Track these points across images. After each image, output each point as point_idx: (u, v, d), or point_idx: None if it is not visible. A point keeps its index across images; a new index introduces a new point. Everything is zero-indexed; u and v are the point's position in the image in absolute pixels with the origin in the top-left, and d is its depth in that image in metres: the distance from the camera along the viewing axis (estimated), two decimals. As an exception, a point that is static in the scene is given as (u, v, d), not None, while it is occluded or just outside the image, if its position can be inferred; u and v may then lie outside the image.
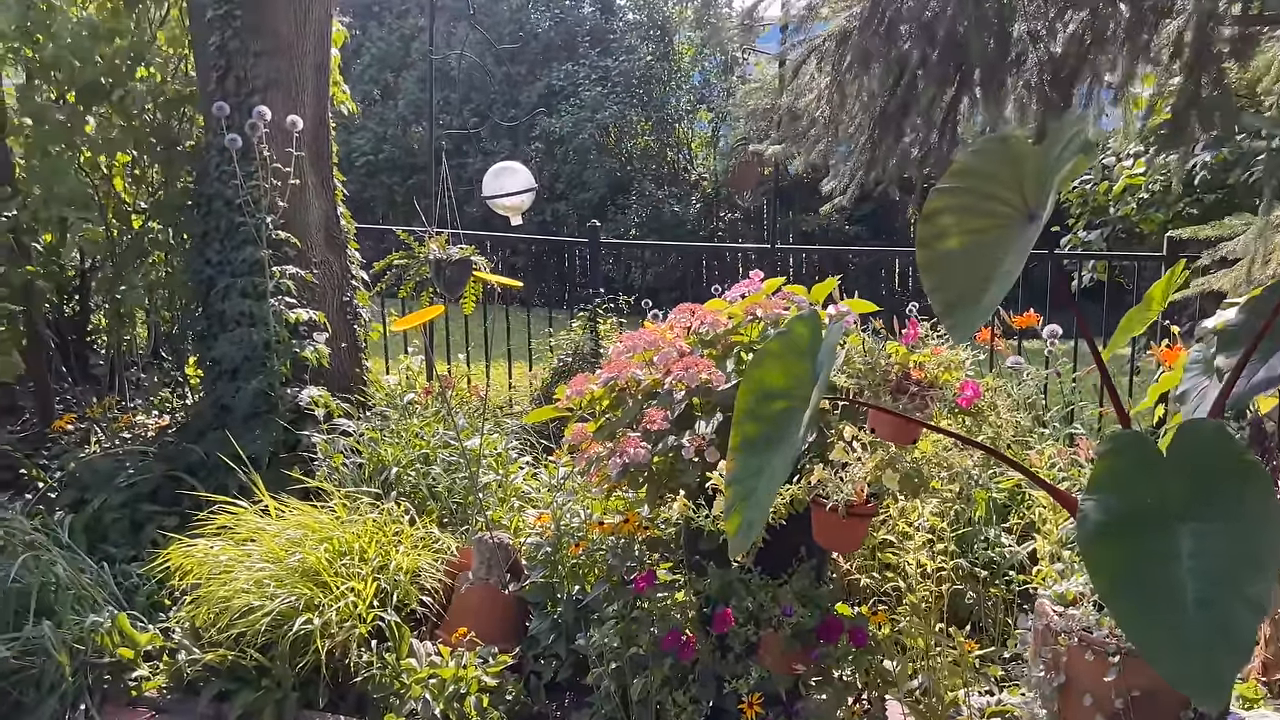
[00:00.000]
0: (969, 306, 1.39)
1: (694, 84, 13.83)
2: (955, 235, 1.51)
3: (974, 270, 1.46)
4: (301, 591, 2.76)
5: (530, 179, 5.45)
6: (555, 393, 3.13)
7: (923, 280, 1.48)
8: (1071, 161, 1.42)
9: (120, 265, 4.68)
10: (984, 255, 1.46)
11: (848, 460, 2.36)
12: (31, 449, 4.43)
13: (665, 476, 2.80)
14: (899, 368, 2.31)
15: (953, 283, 1.44)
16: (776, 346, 1.74)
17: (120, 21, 4.52)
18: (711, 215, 13.46)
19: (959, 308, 1.39)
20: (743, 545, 1.70)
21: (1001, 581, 3.26)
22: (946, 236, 1.51)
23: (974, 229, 1.51)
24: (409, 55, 14.42)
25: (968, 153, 1.58)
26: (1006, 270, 1.41)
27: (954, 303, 1.41)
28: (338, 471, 3.66)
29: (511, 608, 3.15)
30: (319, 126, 4.42)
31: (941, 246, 1.50)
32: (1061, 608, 2.02)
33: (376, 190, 14.22)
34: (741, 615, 2.46)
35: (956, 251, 1.49)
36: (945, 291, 1.43)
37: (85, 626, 2.86)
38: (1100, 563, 1.34)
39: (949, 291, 1.43)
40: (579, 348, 5.39)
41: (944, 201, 1.53)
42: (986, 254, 1.46)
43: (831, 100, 2.53)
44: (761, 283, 3.14)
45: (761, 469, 1.71)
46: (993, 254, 1.45)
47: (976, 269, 1.45)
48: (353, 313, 4.59)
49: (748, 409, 1.75)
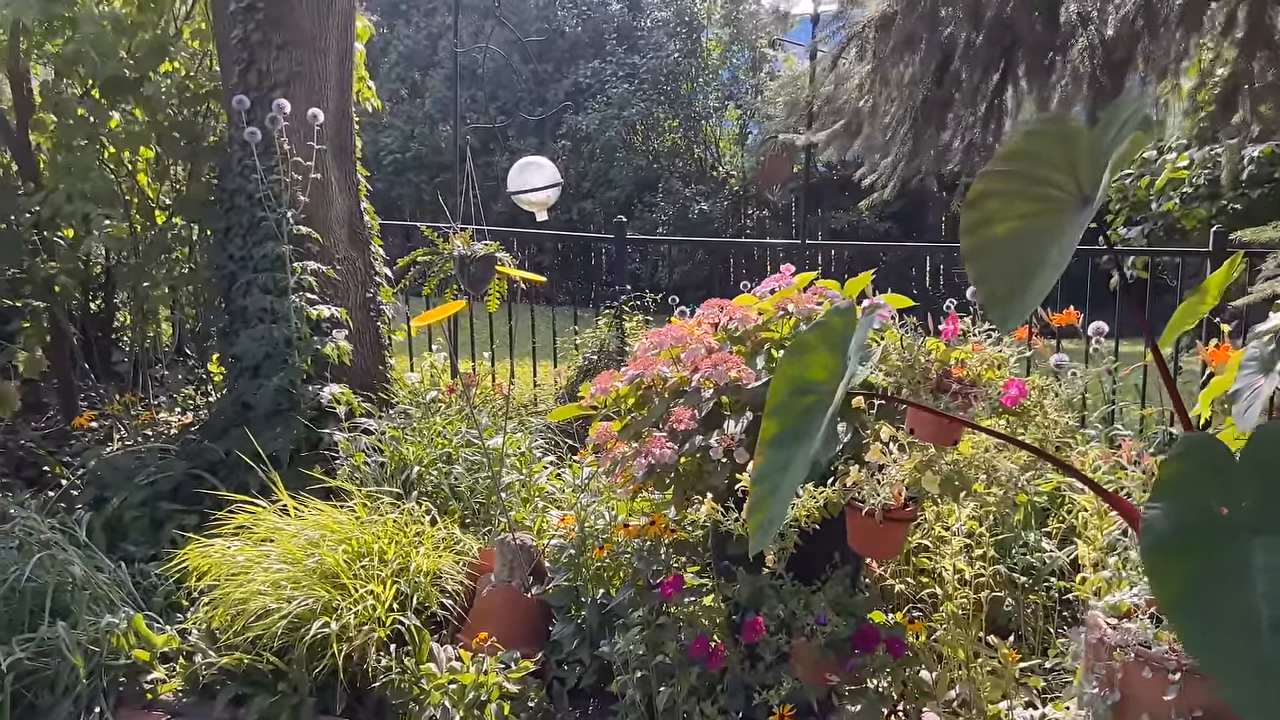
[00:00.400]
0: (1017, 296, 1.28)
1: (722, 81, 13.72)
2: (1003, 221, 1.40)
3: (1022, 258, 1.35)
4: (319, 594, 2.69)
5: (556, 174, 5.37)
6: (580, 391, 3.04)
7: (967, 269, 1.37)
8: (1128, 140, 1.31)
9: (144, 261, 4.65)
10: (1033, 242, 1.36)
11: (884, 462, 2.25)
12: (55, 446, 4.42)
13: (692, 478, 2.70)
14: (939, 365, 2.20)
15: (1000, 271, 1.34)
16: (812, 339, 1.64)
17: (144, 15, 4.48)
18: (739, 213, 13.34)
19: (1006, 298, 1.29)
20: (763, 541, 1.61)
21: (1041, 588, 3.14)
22: (993, 222, 1.40)
23: (1023, 214, 1.40)
24: (436, 54, 14.43)
25: (1018, 134, 1.48)
26: (1057, 258, 1.31)
27: (1001, 292, 1.30)
28: (359, 470, 3.60)
29: (534, 611, 3.06)
30: (342, 120, 4.36)
31: (988, 233, 1.39)
32: (1115, 620, 1.91)
33: (404, 189, 14.24)
34: (773, 623, 2.36)
35: (1004, 238, 1.38)
36: (991, 280, 1.33)
37: (101, 627, 2.80)
38: (1165, 576, 1.24)
39: (995, 280, 1.32)
40: (604, 345, 5.31)
41: (991, 185, 1.42)
42: (1036, 240, 1.36)
43: (873, 88, 2.42)
44: (793, 277, 3.04)
45: (788, 464, 1.61)
46: (1043, 240, 1.35)
47: (1025, 256, 1.35)
48: (376, 309, 4.53)
49: (778, 403, 1.65)
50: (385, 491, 3.38)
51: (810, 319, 2.80)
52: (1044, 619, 3.13)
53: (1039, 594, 3.14)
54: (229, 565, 2.80)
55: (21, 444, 4.38)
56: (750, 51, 13.29)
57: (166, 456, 3.95)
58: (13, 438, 4.40)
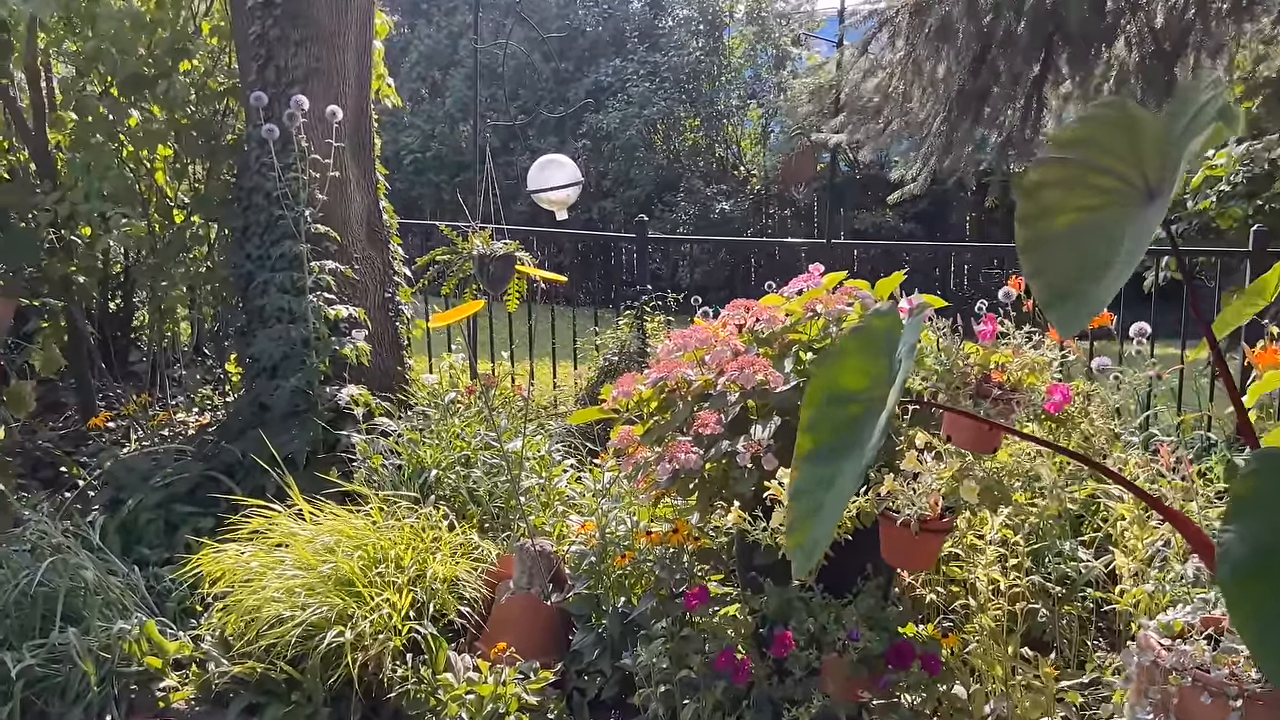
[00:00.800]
0: (1079, 295, 1.18)
1: (744, 79, 13.61)
2: (1062, 212, 1.30)
3: (1085, 253, 1.25)
4: (334, 601, 2.62)
5: (576, 172, 5.30)
6: (601, 393, 2.96)
7: (1022, 263, 1.27)
8: (1206, 132, 1.21)
9: (162, 260, 4.61)
10: (1097, 237, 1.26)
11: (920, 470, 2.16)
12: (72, 446, 4.38)
13: (718, 484, 2.61)
14: (979, 369, 2.10)
15: (1060, 267, 1.24)
16: (851, 343, 1.54)
17: (163, 12, 4.44)
18: (761, 212, 13.21)
19: (1068, 296, 1.19)
20: (806, 566, 1.51)
21: (1077, 598, 3.03)
22: (1052, 214, 1.30)
23: (1085, 206, 1.30)
24: (456, 53, 14.39)
25: (1077, 119, 1.38)
26: (1125, 255, 1.20)
27: (1062, 290, 1.20)
28: (376, 473, 3.53)
29: (554, 619, 2.98)
30: (360, 118, 4.30)
31: (1046, 225, 1.29)
32: (1168, 641, 1.80)
33: (424, 188, 14.21)
34: (802, 637, 2.26)
35: (1064, 231, 1.28)
36: (1050, 276, 1.23)
37: (113, 633, 2.75)
38: (1243, 602, 1.14)
39: (1055, 276, 1.22)
40: (625, 346, 5.22)
41: (1050, 174, 1.32)
42: (1099, 235, 1.26)
43: (904, 77, 2.32)
44: (821, 277, 2.94)
45: (831, 480, 1.52)
46: (1107, 236, 1.25)
47: (1088, 252, 1.25)
48: (395, 309, 4.47)
49: (816, 413, 1.56)
50: (403, 495, 3.31)
51: (840, 320, 2.70)
52: (1079, 630, 3.02)
53: (1075, 604, 3.03)
54: (243, 571, 2.74)
55: (39, 444, 4.35)
56: (774, 49, 13.17)
57: (183, 457, 3.90)
58: (30, 438, 4.36)
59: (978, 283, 10.21)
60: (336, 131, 3.93)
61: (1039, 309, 1.32)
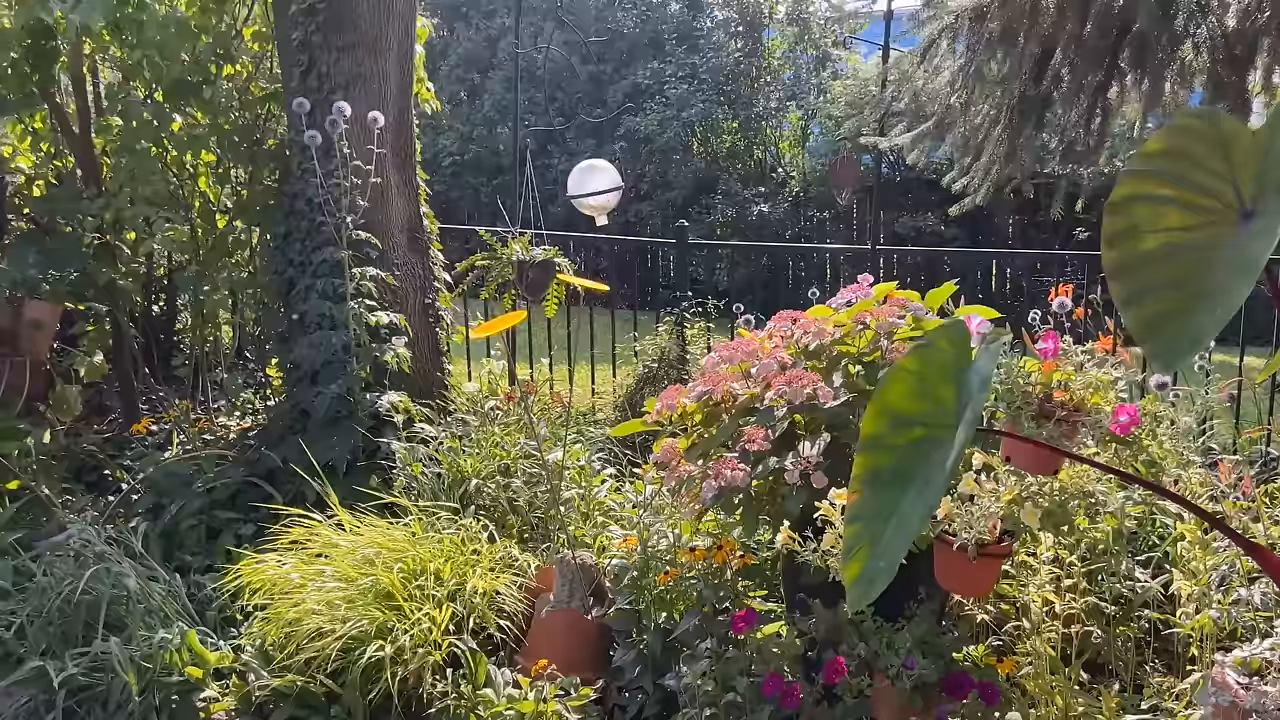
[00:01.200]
0: (1178, 328, 1.10)
1: (783, 81, 13.49)
2: (1152, 233, 1.22)
3: (1181, 279, 1.16)
4: (373, 615, 2.59)
5: (616, 177, 5.25)
6: (645, 406, 2.90)
7: (1111, 287, 1.19)
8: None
9: (204, 265, 4.63)
10: (1191, 261, 1.17)
11: (977, 493, 2.08)
12: (116, 449, 4.41)
13: (764, 502, 2.55)
14: (1041, 388, 2.01)
15: (1154, 293, 1.15)
16: (914, 363, 1.47)
17: (206, 19, 4.46)
18: (799, 215, 13.09)
19: (1165, 327, 1.11)
20: (865, 598, 1.45)
21: (1133, 619, 2.92)
22: (1140, 234, 1.22)
23: (1175, 226, 1.21)
24: (495, 56, 14.43)
25: (1164, 130, 1.29)
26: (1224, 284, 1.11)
27: (1158, 320, 1.12)
28: (416, 481, 3.50)
29: (594, 634, 2.94)
30: (402, 123, 4.28)
31: (1135, 246, 1.21)
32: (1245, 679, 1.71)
33: (462, 191, 14.26)
34: (853, 662, 2.19)
35: (1154, 253, 1.20)
36: (1145, 305, 1.14)
37: (155, 642, 2.74)
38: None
39: (1151, 305, 1.14)
40: (665, 354, 5.16)
41: (1137, 188, 1.24)
42: (1194, 259, 1.17)
43: (965, 84, 2.24)
44: (871, 288, 2.86)
45: (892, 509, 1.45)
46: (1202, 260, 1.16)
47: (1185, 278, 1.16)
48: (434, 315, 4.45)
49: (876, 435, 1.49)
50: (442, 506, 3.28)
51: (891, 334, 2.62)
52: (1135, 651, 2.91)
53: (1130, 625, 2.93)
54: (283, 583, 2.72)
55: (83, 447, 4.38)
56: (814, 51, 13.03)
57: (224, 463, 3.91)
58: (75, 441, 4.39)
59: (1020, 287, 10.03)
60: (378, 138, 3.91)
61: (1087, 315, 1.24)
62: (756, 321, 4.72)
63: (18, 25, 3.92)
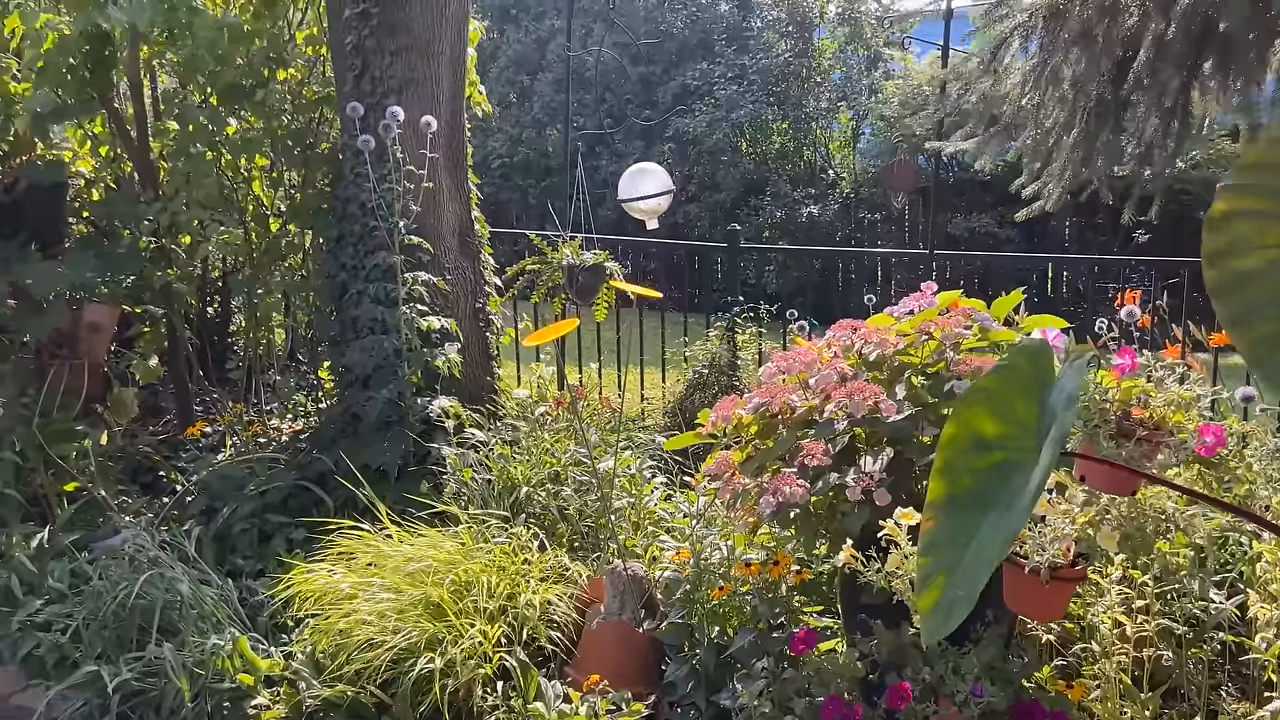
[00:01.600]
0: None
1: (834, 81, 13.33)
2: (1254, 250, 1.14)
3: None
4: (424, 627, 2.57)
5: (667, 181, 5.18)
6: (698, 418, 2.83)
7: (1217, 309, 1.11)
8: None
9: (257, 268, 4.66)
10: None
11: (1050, 514, 1.98)
12: (171, 451, 4.45)
13: (823, 518, 2.47)
14: (1118, 405, 1.91)
15: (1260, 313, 1.07)
16: (993, 383, 1.40)
17: (260, 23, 4.48)
18: (849, 216, 12.93)
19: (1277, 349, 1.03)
20: (941, 629, 1.37)
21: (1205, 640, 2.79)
22: (1243, 251, 1.13)
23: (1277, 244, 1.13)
24: (545, 58, 14.46)
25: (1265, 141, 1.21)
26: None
27: (1267, 342, 1.04)
28: (466, 487, 3.48)
29: (645, 647, 2.88)
30: (454, 127, 4.27)
31: (1238, 264, 1.12)
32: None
33: (511, 193, 14.32)
34: (918, 688, 2.11)
35: (1259, 271, 1.12)
36: (1253, 326, 1.06)
37: (207, 648, 2.74)
38: None
39: (1259, 326, 1.05)
40: (715, 359, 5.09)
41: (1238, 203, 1.15)
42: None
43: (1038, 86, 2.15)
44: (934, 296, 2.77)
45: (971, 535, 1.37)
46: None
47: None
48: (485, 320, 4.43)
49: (955, 458, 1.41)
50: (491, 514, 3.25)
51: (958, 344, 2.53)
52: (1208, 674, 2.79)
53: (1202, 647, 2.80)
54: (333, 592, 2.70)
55: (139, 449, 4.43)
56: (866, 50, 12.86)
57: (276, 466, 3.92)
58: (131, 442, 4.45)
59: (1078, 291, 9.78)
60: (431, 142, 3.90)
61: (1153, 322, 1.15)
62: (811, 329, 4.63)
63: (76, 31, 3.96)
